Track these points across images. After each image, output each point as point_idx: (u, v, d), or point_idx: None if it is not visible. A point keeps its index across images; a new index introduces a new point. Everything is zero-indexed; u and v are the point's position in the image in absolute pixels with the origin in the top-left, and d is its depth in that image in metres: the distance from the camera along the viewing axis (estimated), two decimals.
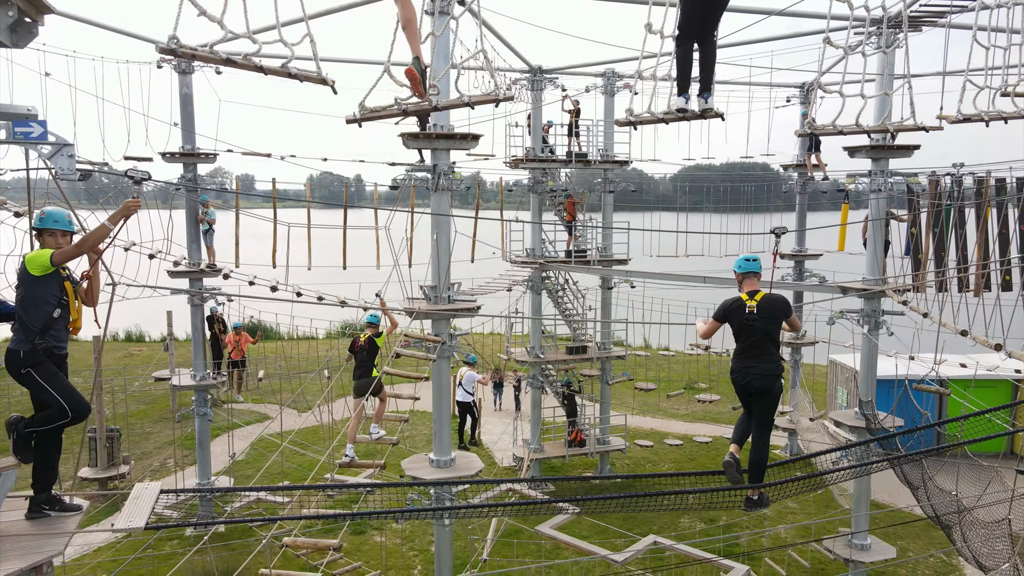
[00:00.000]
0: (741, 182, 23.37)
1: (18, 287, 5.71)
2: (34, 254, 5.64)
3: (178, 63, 16.59)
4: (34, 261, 5.60)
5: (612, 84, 19.68)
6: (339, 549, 9.25)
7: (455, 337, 12.43)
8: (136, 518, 4.04)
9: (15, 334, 5.67)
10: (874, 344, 14.16)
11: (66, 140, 3.94)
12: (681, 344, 26.45)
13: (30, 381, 5.61)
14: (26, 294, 5.64)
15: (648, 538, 10.79)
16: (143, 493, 4.44)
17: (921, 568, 15.98)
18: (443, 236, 12.09)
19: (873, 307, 14.06)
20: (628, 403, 24.77)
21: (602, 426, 20.41)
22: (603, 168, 19.86)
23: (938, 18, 12.18)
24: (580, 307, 20.49)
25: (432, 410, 12.52)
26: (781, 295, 7.48)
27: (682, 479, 8.98)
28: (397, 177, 12.20)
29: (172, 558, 15.03)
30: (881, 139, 13.69)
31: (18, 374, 5.64)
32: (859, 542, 14.52)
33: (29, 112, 4.10)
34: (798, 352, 21.52)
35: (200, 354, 17.24)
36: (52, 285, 5.68)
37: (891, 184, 13.78)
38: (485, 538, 15.33)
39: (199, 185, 16.98)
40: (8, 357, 5.61)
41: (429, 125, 12.01)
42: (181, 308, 18.63)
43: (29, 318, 5.64)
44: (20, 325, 5.65)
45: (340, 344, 26.15)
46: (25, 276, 5.64)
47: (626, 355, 20.52)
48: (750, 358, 7.32)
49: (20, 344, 5.62)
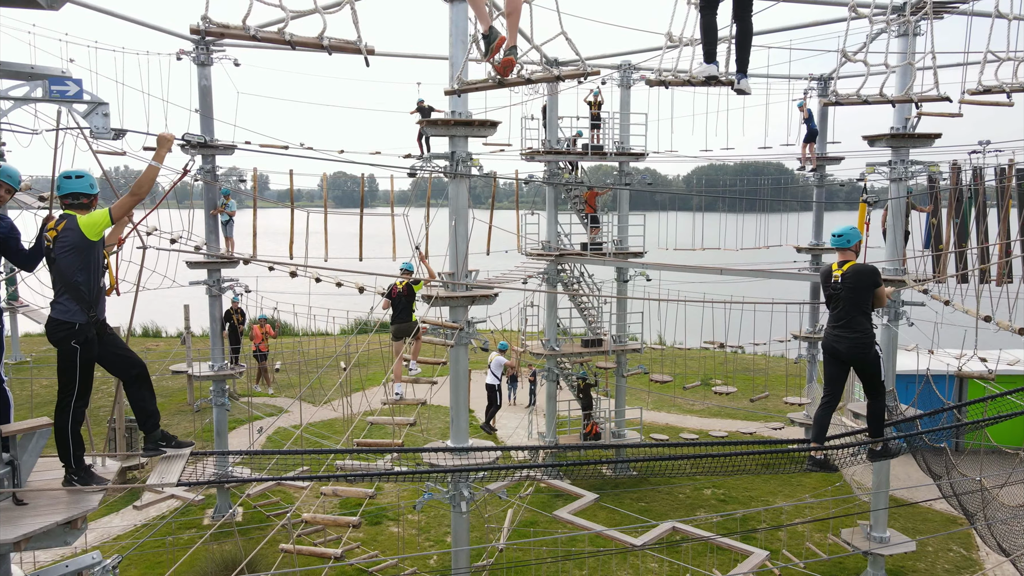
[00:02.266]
0: (755, 176, 23.28)
1: (66, 254, 5.31)
2: (89, 216, 5.31)
3: (197, 55, 16.73)
4: (92, 224, 5.28)
5: (628, 76, 19.63)
6: (358, 526, 9.28)
7: (472, 324, 12.46)
8: (169, 475, 4.07)
9: (64, 304, 5.32)
10: (894, 334, 14.05)
11: (100, 99, 3.97)
12: (696, 340, 26.34)
13: (71, 357, 5.30)
14: (81, 261, 5.31)
15: (667, 523, 10.76)
16: (174, 455, 4.48)
17: (940, 562, 15.82)
18: (461, 223, 12.12)
19: (893, 297, 13.94)
20: (643, 398, 24.70)
21: (617, 420, 20.36)
22: (619, 160, 19.81)
23: (960, 3, 12.07)
24: (595, 300, 20.45)
25: (449, 397, 12.55)
26: (871, 265, 7.35)
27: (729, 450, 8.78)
28: (415, 165, 12.22)
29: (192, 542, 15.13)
30: (901, 127, 13.60)
31: (64, 344, 5.31)
32: (878, 535, 14.42)
33: (63, 73, 4.15)
34: (814, 346, 21.36)
35: (218, 344, 17.35)
36: (102, 250, 5.43)
37: (912, 174, 13.65)
38: (501, 527, 15.35)
39: (217, 177, 17.10)
40: (58, 327, 5.31)
41: (447, 112, 12.09)
42: (197, 302, 18.77)
43: (86, 287, 5.34)
44: (74, 295, 5.31)
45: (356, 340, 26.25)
46: (81, 241, 5.28)
47: (641, 348, 20.46)
48: (837, 327, 7.30)
49: (75, 316, 5.31)
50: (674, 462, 7.65)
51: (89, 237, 5.28)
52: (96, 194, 5.44)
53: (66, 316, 5.30)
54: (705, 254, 20.98)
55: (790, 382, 23.99)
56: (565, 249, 19.92)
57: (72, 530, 3.98)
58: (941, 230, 13.95)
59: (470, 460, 11.94)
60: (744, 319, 20.19)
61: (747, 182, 24.74)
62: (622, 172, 20.06)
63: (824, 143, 20.48)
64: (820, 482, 19.38)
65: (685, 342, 28.80)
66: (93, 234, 5.29)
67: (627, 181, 20.08)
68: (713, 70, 5.45)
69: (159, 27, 13.85)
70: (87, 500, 4.09)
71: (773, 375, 25.65)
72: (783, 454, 7.74)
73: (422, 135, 19.40)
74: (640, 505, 17.99)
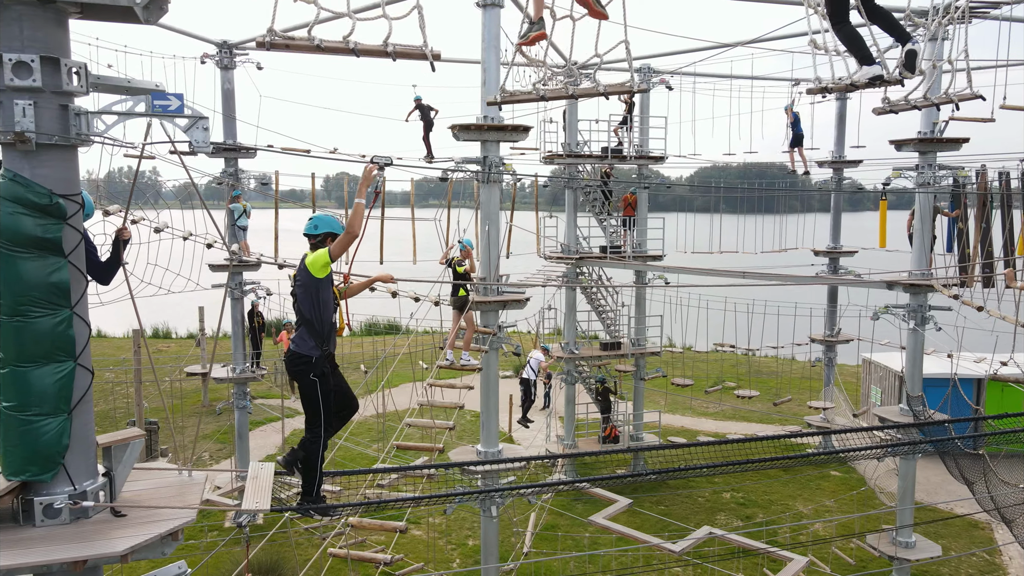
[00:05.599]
0: (757, 178, 23.29)
1: (299, 289, 5.74)
2: (314, 256, 5.67)
3: (220, 58, 16.75)
4: (315, 262, 5.63)
5: (648, 80, 19.64)
6: (405, 531, 9.32)
7: (503, 329, 12.48)
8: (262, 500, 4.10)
9: (303, 339, 5.68)
10: (920, 339, 14.06)
11: (200, 113, 3.99)
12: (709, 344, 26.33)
13: (311, 389, 5.68)
14: (312, 298, 5.68)
15: (703, 529, 10.76)
16: (260, 473, 4.49)
17: (964, 567, 15.84)
18: (493, 228, 12.13)
19: (920, 302, 13.95)
20: (657, 401, 24.72)
21: (635, 423, 20.38)
22: (638, 164, 19.83)
23: (992, 8, 12.10)
24: (614, 303, 20.47)
25: (480, 401, 12.56)
26: None
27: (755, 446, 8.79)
28: (447, 170, 12.23)
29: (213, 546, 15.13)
30: (929, 132, 13.62)
31: (303, 377, 5.69)
32: (904, 539, 14.42)
33: (158, 87, 4.16)
34: (832, 350, 21.39)
35: (240, 347, 17.36)
36: (330, 288, 5.77)
37: (939, 178, 13.67)
38: (525, 531, 15.36)
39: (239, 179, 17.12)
40: (297, 359, 5.68)
41: (479, 117, 12.10)
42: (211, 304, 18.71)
43: (318, 323, 5.68)
44: (308, 330, 5.67)
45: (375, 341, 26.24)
46: (309, 279, 5.66)
47: (660, 351, 20.47)
48: None
49: (311, 350, 5.66)
50: (710, 459, 7.68)
51: (315, 275, 5.63)
52: (329, 233, 5.76)
53: (303, 349, 5.68)
54: (723, 257, 20.99)
55: (803, 385, 24.02)
56: (584, 252, 19.93)
57: (171, 541, 4.00)
58: (967, 235, 13.97)
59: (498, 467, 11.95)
60: (767, 322, 20.22)
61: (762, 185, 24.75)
62: (641, 175, 20.07)
63: (842, 146, 20.53)
64: (840, 486, 19.40)
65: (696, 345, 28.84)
66: (317, 271, 5.62)
67: (645, 184, 20.10)
68: (877, 70, 5.30)
69: (189, 32, 13.86)
70: (184, 511, 4.10)
71: (785, 378, 25.66)
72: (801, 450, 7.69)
73: (426, 136, 19.30)
74: (660, 508, 17.99)
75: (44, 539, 3.91)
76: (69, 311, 4.04)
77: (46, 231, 3.90)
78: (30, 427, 3.94)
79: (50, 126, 3.89)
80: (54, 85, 3.89)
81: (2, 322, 3.93)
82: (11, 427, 3.96)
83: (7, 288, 3.88)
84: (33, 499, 4.03)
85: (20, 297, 3.89)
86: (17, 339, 3.93)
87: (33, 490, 4.08)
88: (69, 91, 3.95)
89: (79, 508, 4.07)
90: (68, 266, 4.02)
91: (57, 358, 4.00)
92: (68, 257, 4.01)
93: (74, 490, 4.11)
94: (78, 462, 4.14)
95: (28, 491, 4.08)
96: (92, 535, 3.95)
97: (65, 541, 3.88)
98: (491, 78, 11.62)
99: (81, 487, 4.14)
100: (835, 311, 20.85)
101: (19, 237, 3.84)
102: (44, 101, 3.87)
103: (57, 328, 3.99)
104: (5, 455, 4.01)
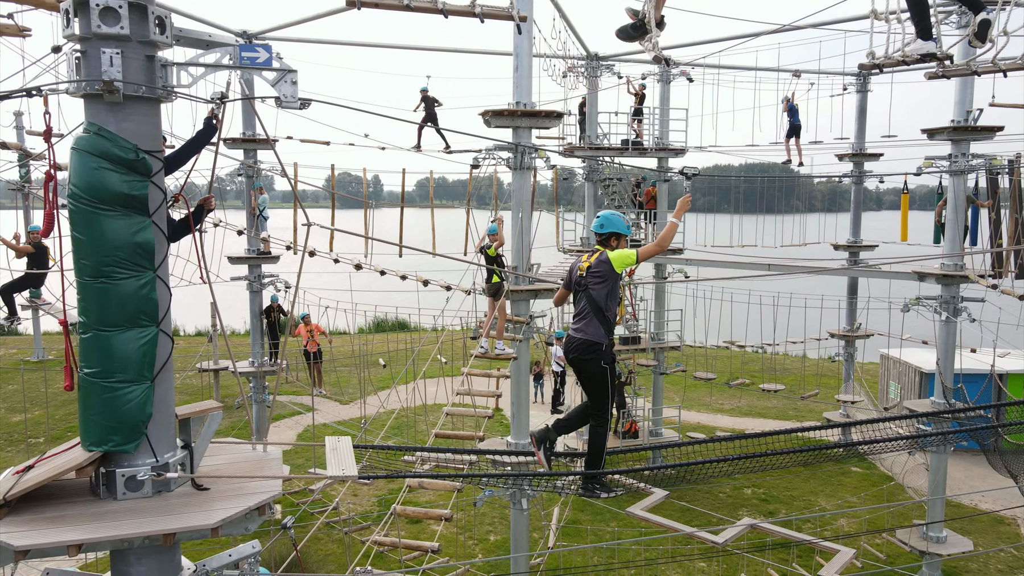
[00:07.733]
0: (762, 174, 23.15)
1: (596, 280, 5.92)
2: (620, 253, 5.93)
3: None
4: (622, 259, 5.89)
5: (668, 72, 19.49)
6: (450, 519, 9.15)
7: (535, 319, 12.31)
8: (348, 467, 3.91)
9: (598, 327, 5.90)
10: (953, 330, 13.89)
11: (289, 66, 3.80)
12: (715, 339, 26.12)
13: (602, 375, 5.95)
14: (610, 291, 5.95)
15: (744, 520, 10.60)
16: (337, 445, 4.31)
17: (992, 562, 15.67)
18: (525, 216, 11.96)
19: (952, 292, 13.79)
20: (673, 398, 24.52)
21: (654, 418, 20.20)
22: (658, 156, 19.66)
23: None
24: (635, 297, 20.30)
25: (511, 392, 12.38)
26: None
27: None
28: (478, 156, 12.05)
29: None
30: (962, 120, 13.46)
31: (595, 365, 5.91)
32: (935, 534, 14.26)
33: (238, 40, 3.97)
34: (852, 345, 21.21)
35: (258, 341, 17.17)
36: (619, 283, 6.03)
37: (973, 167, 13.51)
38: (549, 525, 15.16)
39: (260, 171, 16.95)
40: (590, 347, 5.89)
41: (511, 103, 11.91)
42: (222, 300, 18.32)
43: (610, 313, 5.97)
44: (601, 319, 5.91)
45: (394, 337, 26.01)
46: (610, 273, 5.90)
47: (680, 345, 20.30)
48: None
49: (603, 337, 5.94)
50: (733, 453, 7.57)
51: (616, 270, 5.92)
52: (613, 233, 6.06)
53: (596, 337, 5.92)
54: (743, 251, 20.82)
55: (821, 382, 23.82)
56: None
57: (257, 516, 3.80)
58: (1001, 225, 13.82)
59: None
60: (790, 317, 20.04)
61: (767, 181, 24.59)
62: (662, 168, 19.90)
63: (863, 139, 20.38)
64: (861, 482, 19.23)
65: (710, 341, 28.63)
66: (620, 267, 5.92)
67: (665, 177, 19.94)
68: (931, 46, 5.08)
69: (209, 21, 13.68)
70: (270, 484, 3.91)
71: (798, 375, 25.46)
72: None
73: (422, 126, 19.06)
74: (681, 504, 17.81)
75: (129, 512, 3.71)
76: (152, 273, 3.85)
77: (132, 188, 3.71)
78: (113, 395, 3.74)
79: (137, 77, 3.70)
80: (141, 34, 3.70)
81: (85, 284, 3.74)
82: (93, 395, 3.77)
83: (91, 247, 3.69)
84: (115, 471, 3.83)
85: (105, 257, 3.69)
86: (100, 302, 3.73)
87: (114, 461, 3.88)
88: (155, 41, 3.76)
89: (162, 480, 3.87)
90: (152, 226, 3.83)
91: (141, 323, 3.81)
92: (152, 216, 3.82)
93: (156, 462, 3.92)
94: (160, 433, 3.95)
95: (109, 462, 3.88)
96: (178, 508, 3.76)
97: (151, 514, 3.68)
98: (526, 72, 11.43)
99: (163, 459, 3.94)
100: (855, 305, 20.68)
101: (105, 194, 3.65)
102: (130, 51, 3.68)
103: (141, 291, 3.79)
104: (86, 424, 3.81)
